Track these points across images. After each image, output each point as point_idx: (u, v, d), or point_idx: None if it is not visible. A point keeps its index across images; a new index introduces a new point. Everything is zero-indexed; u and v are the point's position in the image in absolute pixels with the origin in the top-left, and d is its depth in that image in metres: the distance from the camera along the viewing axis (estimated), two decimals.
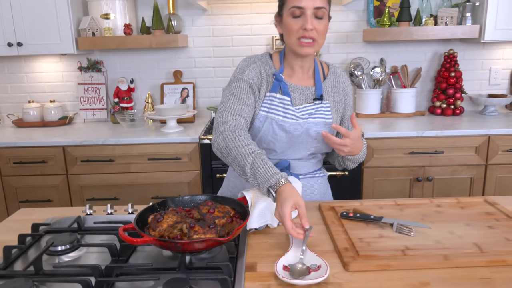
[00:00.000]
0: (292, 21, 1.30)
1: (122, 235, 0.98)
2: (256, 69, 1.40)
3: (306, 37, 1.28)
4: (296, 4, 1.27)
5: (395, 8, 2.80)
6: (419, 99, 3.00)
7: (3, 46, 2.60)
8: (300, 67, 1.41)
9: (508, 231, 1.12)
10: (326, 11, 1.31)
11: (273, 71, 1.41)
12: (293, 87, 1.41)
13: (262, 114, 1.38)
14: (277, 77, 1.39)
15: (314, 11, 1.27)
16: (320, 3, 1.27)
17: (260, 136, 1.40)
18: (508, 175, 2.47)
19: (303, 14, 1.28)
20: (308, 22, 1.26)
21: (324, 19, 1.31)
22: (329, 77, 1.47)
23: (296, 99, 1.41)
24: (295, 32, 1.29)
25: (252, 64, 1.41)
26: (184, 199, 1.19)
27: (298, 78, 1.42)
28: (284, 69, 1.42)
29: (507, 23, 2.55)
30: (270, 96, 1.39)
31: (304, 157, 1.45)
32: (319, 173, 1.52)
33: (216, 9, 2.87)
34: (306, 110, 1.40)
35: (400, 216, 1.24)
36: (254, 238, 1.16)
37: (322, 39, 1.33)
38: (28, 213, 1.38)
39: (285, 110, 1.38)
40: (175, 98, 2.91)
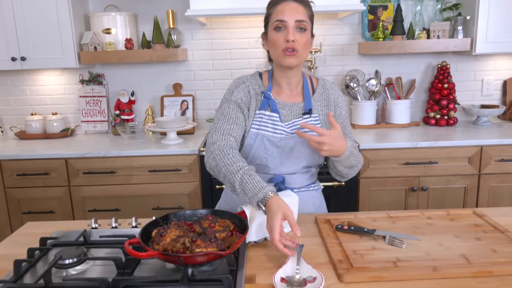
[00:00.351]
0: (276, 35, 1.38)
1: (128, 249, 1.03)
2: (244, 89, 1.48)
3: (289, 47, 1.36)
4: (279, 18, 1.37)
5: (389, 22, 2.88)
6: (413, 110, 3.07)
7: (7, 61, 2.66)
8: (288, 84, 1.48)
9: (495, 242, 1.18)
10: (308, 24, 1.39)
11: (262, 89, 1.49)
12: (281, 104, 1.48)
13: (253, 131, 1.45)
14: (266, 95, 1.46)
15: (296, 23, 1.36)
16: (301, 16, 1.37)
17: (253, 153, 1.46)
18: (500, 185, 2.53)
19: (286, 27, 1.36)
20: (290, 34, 1.35)
21: (306, 31, 1.39)
22: (318, 90, 1.52)
23: (285, 115, 1.47)
24: (280, 44, 1.38)
25: (240, 84, 1.49)
26: (185, 213, 1.25)
27: (286, 95, 1.50)
28: (273, 87, 1.50)
29: (497, 36, 2.62)
30: (260, 114, 1.46)
31: (298, 171, 1.50)
32: (314, 186, 1.57)
33: (214, 24, 2.94)
34: (295, 125, 1.46)
35: (392, 228, 1.29)
36: (253, 250, 1.22)
37: (304, 51, 1.40)
38: (34, 227, 1.44)
39: (274, 126, 1.45)
40: (175, 110, 2.97)
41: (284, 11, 1.36)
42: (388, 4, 2.90)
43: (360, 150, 2.46)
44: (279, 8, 1.38)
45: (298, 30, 1.37)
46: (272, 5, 1.42)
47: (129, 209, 2.56)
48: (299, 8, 1.38)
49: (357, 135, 2.69)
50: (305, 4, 1.41)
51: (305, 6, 1.40)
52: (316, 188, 1.58)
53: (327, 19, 2.94)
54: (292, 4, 1.37)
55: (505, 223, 1.31)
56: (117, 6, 2.90)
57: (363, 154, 2.47)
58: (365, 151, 2.47)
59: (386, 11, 2.91)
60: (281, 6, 1.38)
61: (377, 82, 2.91)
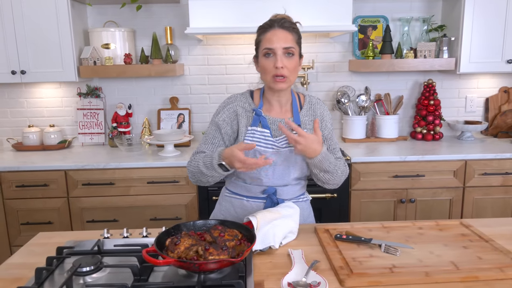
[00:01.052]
0: (266, 61, 1.49)
1: (146, 257, 1.11)
2: (230, 110, 1.60)
3: (278, 74, 1.47)
4: (267, 46, 1.48)
5: (378, 41, 3.02)
6: (401, 125, 3.20)
7: (7, 74, 2.72)
8: (277, 101, 1.59)
9: (480, 250, 1.29)
10: (295, 49, 1.50)
11: (252, 107, 1.60)
12: (271, 120, 1.58)
13: None
14: (257, 112, 1.57)
15: (284, 50, 1.47)
16: (287, 43, 1.47)
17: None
18: (483, 197, 2.66)
19: (274, 54, 1.47)
20: (278, 61, 1.46)
21: (294, 56, 1.50)
22: (305, 106, 1.63)
23: (275, 130, 1.58)
24: (269, 70, 1.49)
25: (228, 105, 1.62)
26: (196, 223, 1.33)
27: (276, 112, 1.60)
28: (264, 104, 1.61)
29: (479, 56, 2.78)
30: (252, 130, 1.56)
31: (290, 183, 1.59)
32: (303, 197, 1.67)
33: (211, 40, 3.04)
34: (284, 140, 1.55)
35: (387, 238, 1.39)
36: (259, 258, 1.30)
37: (293, 75, 1.52)
38: (47, 237, 1.50)
39: (266, 141, 1.55)
40: (172, 123, 3.05)
41: (272, 39, 1.47)
42: (377, 24, 3.04)
43: (352, 164, 2.58)
44: (268, 36, 1.48)
45: (286, 56, 1.48)
46: (261, 32, 1.52)
47: (127, 220, 2.62)
48: (287, 36, 1.48)
49: (348, 149, 2.80)
50: (291, 30, 1.50)
51: (292, 32, 1.50)
52: (305, 199, 1.67)
53: (319, 37, 3.07)
54: (280, 32, 1.47)
55: (489, 233, 1.43)
56: (116, 22, 2.98)
57: (354, 167, 2.58)
58: (356, 164, 2.58)
59: (375, 31, 3.05)
60: (270, 34, 1.48)
61: (367, 98, 3.04)
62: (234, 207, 1.62)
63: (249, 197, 1.59)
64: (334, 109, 3.15)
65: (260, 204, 1.57)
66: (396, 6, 3.04)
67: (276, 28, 1.48)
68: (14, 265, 1.30)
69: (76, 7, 2.78)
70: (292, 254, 1.29)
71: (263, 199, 1.57)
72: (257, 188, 1.57)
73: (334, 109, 3.15)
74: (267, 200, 1.56)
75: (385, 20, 3.04)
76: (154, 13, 3.01)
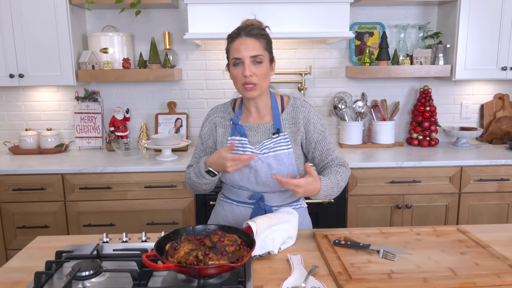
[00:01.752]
0: (235, 70, 1.50)
1: (146, 262, 1.11)
2: (210, 122, 1.65)
3: (247, 83, 1.47)
4: (235, 55, 1.48)
5: (375, 47, 3.05)
6: (397, 130, 3.23)
7: (5, 77, 2.71)
8: (255, 107, 1.59)
9: (477, 256, 1.30)
10: (264, 57, 1.49)
11: (231, 116, 1.61)
12: (249, 127, 1.59)
13: None
14: (233, 121, 1.59)
15: (251, 59, 1.46)
16: (255, 51, 1.47)
17: (229, 176, 1.57)
18: (479, 203, 2.68)
19: (242, 63, 1.47)
20: (246, 70, 1.46)
21: (263, 63, 1.49)
22: (287, 109, 1.60)
23: (253, 136, 1.57)
24: (239, 79, 1.49)
25: (210, 116, 1.66)
26: (195, 228, 1.33)
27: (254, 118, 1.60)
28: (242, 112, 1.63)
29: (474, 63, 2.81)
30: (231, 140, 1.57)
31: (276, 190, 1.57)
32: (295, 204, 1.65)
33: (209, 45, 3.06)
34: (264, 146, 1.55)
35: (385, 243, 1.40)
36: (258, 263, 1.31)
37: (264, 81, 1.51)
38: (46, 241, 1.50)
39: (244, 149, 1.55)
40: (169, 128, 3.05)
41: (239, 49, 1.46)
42: (374, 31, 3.07)
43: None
44: (235, 46, 1.47)
45: (255, 64, 1.47)
46: (230, 41, 1.52)
47: (123, 224, 2.62)
48: (254, 44, 1.46)
49: (345, 154, 2.82)
50: (259, 37, 1.48)
51: (260, 39, 1.48)
52: (298, 206, 1.65)
53: (316, 44, 3.09)
54: (247, 40, 1.46)
55: (485, 239, 1.44)
56: (114, 26, 2.99)
57: (351, 173, 2.58)
58: (353, 170, 2.59)
59: (372, 37, 3.08)
60: (237, 44, 1.47)
61: (363, 104, 3.06)
62: (225, 211, 1.64)
63: (238, 202, 1.61)
64: (331, 115, 3.17)
65: (248, 209, 1.59)
66: (392, 13, 3.07)
67: (243, 36, 1.47)
68: (13, 269, 1.30)
69: (75, 11, 2.78)
70: (291, 259, 1.29)
71: (251, 204, 1.59)
72: (245, 193, 1.59)
73: (331, 115, 3.17)
74: (255, 205, 1.57)
75: (381, 27, 3.06)
76: (152, 18, 3.02)
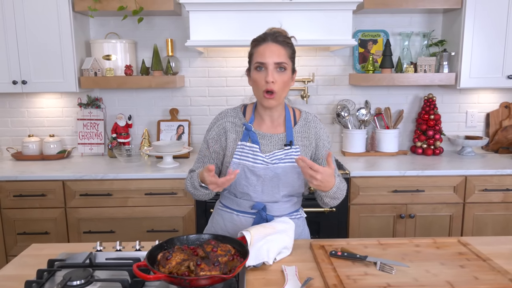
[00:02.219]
0: (257, 74, 1.48)
1: (136, 272, 1.09)
2: (219, 127, 1.60)
3: (268, 89, 1.45)
4: (259, 60, 1.46)
5: (378, 55, 3.02)
6: (401, 139, 3.19)
7: (8, 84, 2.73)
8: (269, 116, 1.58)
9: (477, 270, 1.27)
10: (287, 65, 1.48)
11: (242, 121, 1.58)
12: (262, 135, 1.56)
13: (235, 161, 1.53)
14: (247, 127, 1.56)
15: (275, 65, 1.46)
16: (279, 59, 1.46)
17: (234, 182, 1.54)
18: (484, 213, 2.63)
19: (266, 68, 1.46)
20: (269, 75, 1.44)
21: (286, 71, 1.48)
22: (300, 122, 1.60)
23: (265, 145, 1.55)
24: (261, 85, 1.47)
25: (219, 120, 1.62)
26: (189, 237, 1.31)
27: (268, 127, 1.58)
28: (255, 118, 1.60)
29: (480, 72, 2.78)
30: (242, 145, 1.54)
31: (279, 200, 1.56)
32: (296, 214, 1.63)
33: (212, 52, 3.06)
34: (275, 156, 1.53)
35: (383, 255, 1.37)
36: (252, 274, 1.28)
37: (283, 91, 1.50)
38: (40, 249, 1.48)
39: (254, 157, 1.53)
40: (171, 135, 3.05)
41: (264, 53, 1.45)
42: (377, 38, 3.05)
43: (351, 178, 2.56)
44: (260, 50, 1.47)
45: (278, 70, 1.46)
46: (254, 45, 1.51)
47: (124, 231, 2.60)
48: (280, 50, 1.46)
49: (347, 163, 2.79)
50: (285, 45, 1.48)
51: (285, 47, 1.48)
52: (298, 216, 1.63)
53: (320, 51, 3.08)
54: (272, 46, 1.46)
55: (487, 251, 1.41)
56: (117, 33, 3.00)
57: (354, 181, 2.57)
58: (355, 179, 2.57)
59: (376, 45, 3.06)
60: (262, 48, 1.47)
61: (367, 112, 3.03)
62: (224, 221, 1.61)
63: (239, 212, 1.58)
64: (334, 123, 3.15)
65: (250, 219, 1.56)
66: (396, 20, 3.05)
67: (269, 42, 1.47)
68: (5, 277, 1.29)
69: (78, 18, 2.80)
70: (286, 270, 1.27)
71: (252, 214, 1.56)
72: (247, 203, 1.56)
73: (334, 123, 3.15)
74: (257, 215, 1.54)
75: (385, 34, 3.04)
76: (155, 25, 3.03)
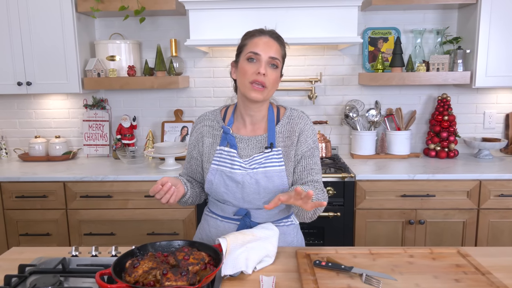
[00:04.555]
0: (248, 65, 1.38)
1: (98, 281, 1.03)
2: (197, 131, 1.54)
3: (259, 81, 1.36)
4: (254, 50, 1.38)
5: (389, 54, 2.90)
6: (414, 141, 3.05)
7: (13, 85, 2.74)
8: (250, 116, 1.47)
9: (473, 285, 1.15)
10: (279, 63, 1.41)
11: (220, 124, 1.49)
12: (240, 138, 1.47)
13: (214, 167, 1.45)
14: (224, 129, 1.47)
15: (269, 59, 1.38)
16: (275, 53, 1.39)
17: (214, 189, 1.46)
18: (500, 220, 2.47)
19: (258, 60, 1.37)
20: (262, 67, 1.36)
21: (277, 69, 1.41)
22: (282, 121, 1.48)
23: (243, 149, 1.46)
24: (249, 75, 1.37)
25: (197, 125, 1.55)
26: (161, 244, 1.25)
27: (247, 129, 1.48)
28: (235, 120, 1.51)
29: (497, 70, 2.62)
30: (220, 150, 1.46)
31: (262, 207, 1.45)
32: (285, 221, 1.52)
33: (216, 52, 3.00)
34: (254, 160, 1.43)
35: (372, 266, 1.27)
36: (228, 284, 1.21)
37: (272, 88, 1.41)
38: (18, 252, 1.45)
39: (232, 162, 1.43)
40: (175, 136, 3.00)
41: (259, 44, 1.38)
42: (388, 36, 2.93)
43: (356, 181, 2.45)
44: (255, 41, 1.39)
45: (270, 66, 1.39)
46: (248, 36, 1.43)
47: (124, 234, 2.57)
48: (275, 45, 1.40)
49: (355, 165, 2.68)
50: (280, 43, 1.43)
51: (280, 44, 1.43)
52: (288, 223, 1.54)
53: (327, 50, 2.97)
54: (268, 40, 1.40)
55: (488, 264, 1.28)
56: (122, 34, 2.98)
57: (359, 185, 2.46)
58: (361, 182, 2.45)
59: (387, 43, 2.93)
60: (257, 39, 1.39)
61: (377, 113, 2.91)
62: (209, 226, 1.54)
63: (223, 218, 1.51)
64: (342, 124, 3.04)
65: (234, 225, 1.48)
66: (408, 17, 2.92)
67: (266, 35, 1.41)
68: None
69: (82, 19, 2.79)
70: (262, 281, 1.19)
71: (236, 220, 1.48)
72: (230, 209, 1.48)
73: (342, 124, 3.04)
74: (241, 222, 1.46)
75: (396, 32, 2.92)
76: (160, 25, 2.99)
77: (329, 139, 2.92)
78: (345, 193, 2.47)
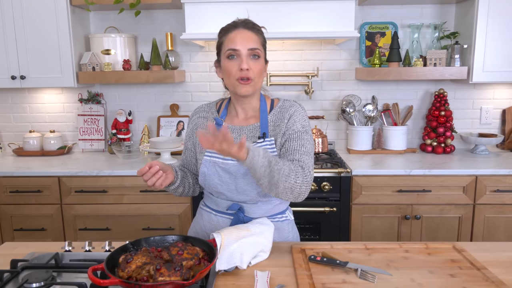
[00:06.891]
0: (229, 63, 1.37)
1: (90, 276, 1.02)
2: (192, 123, 1.55)
3: (243, 77, 1.35)
4: (231, 46, 1.36)
5: (386, 48, 2.88)
6: (410, 136, 3.05)
7: (7, 79, 2.71)
8: (242, 108, 1.48)
9: (468, 280, 1.15)
10: (261, 52, 1.39)
11: (214, 116, 1.49)
12: (232, 129, 1.46)
13: (207, 159, 1.44)
14: (216, 121, 1.46)
15: (249, 52, 1.36)
16: (253, 44, 1.37)
17: (208, 181, 1.45)
18: (496, 215, 2.47)
19: (239, 55, 1.36)
20: (243, 62, 1.35)
21: (260, 59, 1.39)
22: (274, 110, 1.47)
23: (236, 139, 1.45)
24: (233, 73, 1.37)
25: (192, 117, 1.56)
26: (155, 239, 1.24)
27: (239, 120, 1.48)
28: (228, 112, 1.51)
29: (494, 65, 2.61)
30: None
31: (258, 201, 1.44)
32: (280, 217, 1.51)
33: (212, 46, 2.98)
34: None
35: (367, 261, 1.27)
36: (223, 279, 1.20)
37: (259, 79, 1.40)
38: (11, 247, 1.44)
39: None
40: (171, 131, 2.99)
41: (236, 39, 1.36)
42: (386, 31, 2.91)
43: (353, 176, 2.45)
44: (231, 37, 1.37)
45: (252, 58, 1.37)
46: (224, 33, 1.42)
47: (119, 229, 2.56)
48: (251, 36, 1.38)
49: (351, 160, 2.67)
50: (256, 31, 1.41)
51: (257, 33, 1.41)
52: (283, 219, 1.52)
53: (324, 44, 2.96)
54: (244, 32, 1.38)
55: (484, 259, 1.28)
56: (118, 28, 2.95)
57: (356, 180, 2.45)
58: (357, 177, 2.45)
59: (384, 38, 2.92)
60: (233, 34, 1.37)
61: (373, 108, 2.90)
62: (203, 221, 1.53)
63: (217, 212, 1.50)
64: (339, 119, 3.03)
65: (227, 220, 1.47)
66: (406, 12, 2.90)
67: (241, 28, 1.38)
68: None
69: (77, 13, 2.76)
70: (257, 276, 1.18)
71: (230, 215, 1.47)
72: (224, 203, 1.47)
73: (339, 119, 3.03)
74: (234, 216, 1.45)
75: (394, 26, 2.90)
76: (156, 19, 2.97)
77: (326, 134, 2.91)
78: (341, 188, 2.46)
